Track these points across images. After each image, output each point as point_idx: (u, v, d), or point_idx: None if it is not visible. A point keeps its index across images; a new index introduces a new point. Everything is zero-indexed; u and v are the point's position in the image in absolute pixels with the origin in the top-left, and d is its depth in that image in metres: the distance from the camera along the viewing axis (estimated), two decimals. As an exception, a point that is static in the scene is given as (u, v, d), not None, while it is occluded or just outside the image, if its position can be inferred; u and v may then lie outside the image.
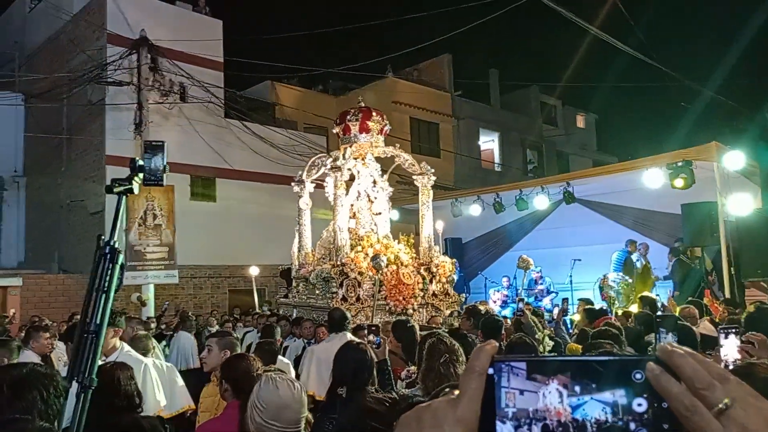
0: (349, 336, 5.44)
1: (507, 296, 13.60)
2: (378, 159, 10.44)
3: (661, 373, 0.56)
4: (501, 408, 0.59)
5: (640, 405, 0.57)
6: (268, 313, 11.14)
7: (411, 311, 9.02)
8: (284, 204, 15.46)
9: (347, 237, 9.44)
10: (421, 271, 9.70)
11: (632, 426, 0.56)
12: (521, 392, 0.59)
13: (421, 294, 9.49)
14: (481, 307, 7.86)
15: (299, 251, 10.53)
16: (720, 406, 0.54)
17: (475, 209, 15.05)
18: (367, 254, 9.27)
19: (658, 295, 10.60)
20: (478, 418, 0.59)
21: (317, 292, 9.43)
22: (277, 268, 15.22)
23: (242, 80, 20.55)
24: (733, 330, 2.80)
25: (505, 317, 7.94)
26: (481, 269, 15.85)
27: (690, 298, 9.44)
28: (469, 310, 7.11)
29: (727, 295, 9.93)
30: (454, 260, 10.54)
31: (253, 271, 12.93)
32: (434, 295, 9.71)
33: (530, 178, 21.52)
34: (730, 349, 2.73)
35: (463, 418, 0.59)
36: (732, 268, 10.42)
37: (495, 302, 13.19)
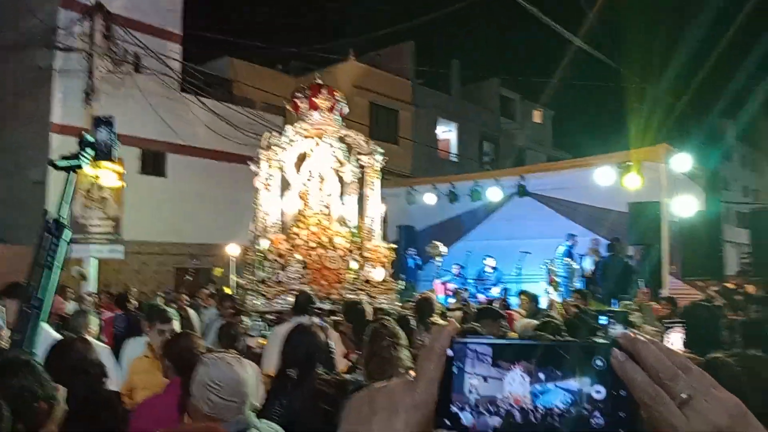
0: (316, 320, 5.41)
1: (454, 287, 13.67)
2: (342, 140, 10.23)
3: (626, 361, 0.56)
4: (464, 395, 0.57)
5: (598, 392, 0.56)
6: (214, 292, 10.94)
7: (336, 296, 8.69)
8: (239, 184, 15.19)
9: (274, 219, 9.23)
10: (354, 255, 9.44)
11: (591, 414, 0.56)
12: (485, 379, 0.57)
13: (351, 279, 9.21)
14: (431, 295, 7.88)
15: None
16: (683, 396, 0.54)
17: (429, 198, 15.14)
18: (297, 235, 9.07)
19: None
20: (435, 401, 0.57)
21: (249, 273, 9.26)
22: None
23: (200, 54, 20.05)
24: (678, 325, 2.90)
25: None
26: (433, 257, 15.98)
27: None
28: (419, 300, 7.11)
29: (666, 293, 10.29)
30: (393, 246, 10.27)
31: (231, 249, 12.60)
32: (367, 281, 9.40)
33: (485, 170, 21.80)
34: (674, 343, 2.83)
35: (421, 401, 0.56)
36: (672, 267, 10.82)
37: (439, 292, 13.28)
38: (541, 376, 0.57)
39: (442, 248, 10.59)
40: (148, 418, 2.85)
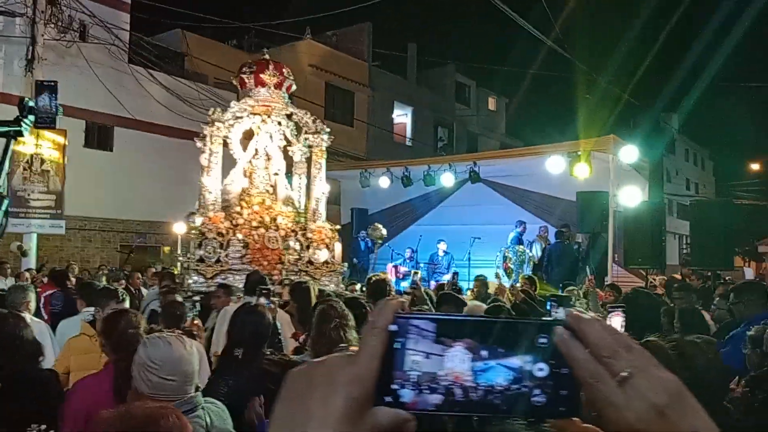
0: (263, 300, 5.33)
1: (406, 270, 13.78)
2: (290, 118, 10.03)
3: (569, 338, 0.55)
4: (405, 371, 0.56)
5: (541, 370, 0.56)
6: (160, 270, 10.74)
7: (276, 277, 8.46)
8: (189, 160, 14.85)
9: (215, 196, 9.04)
10: (298, 236, 9.25)
11: (532, 391, 0.55)
12: (427, 355, 0.56)
13: (292, 260, 9.00)
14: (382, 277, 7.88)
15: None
16: (623, 374, 0.53)
17: (383, 181, 15.16)
18: (240, 215, 8.91)
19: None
20: (375, 376, 0.55)
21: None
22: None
23: (151, 25, 19.38)
24: (618, 309, 3.00)
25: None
26: (385, 241, 16.03)
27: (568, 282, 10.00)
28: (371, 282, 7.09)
29: (609, 280, 10.62)
30: (337, 227, 10.15)
31: (178, 227, 12.33)
32: (310, 262, 9.22)
33: (439, 155, 21.94)
34: (615, 326, 2.93)
35: (360, 376, 0.54)
36: (616, 256, 11.16)
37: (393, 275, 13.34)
38: (484, 353, 0.56)
39: (383, 230, 10.54)
40: (83, 399, 2.77)
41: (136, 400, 2.37)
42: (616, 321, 2.95)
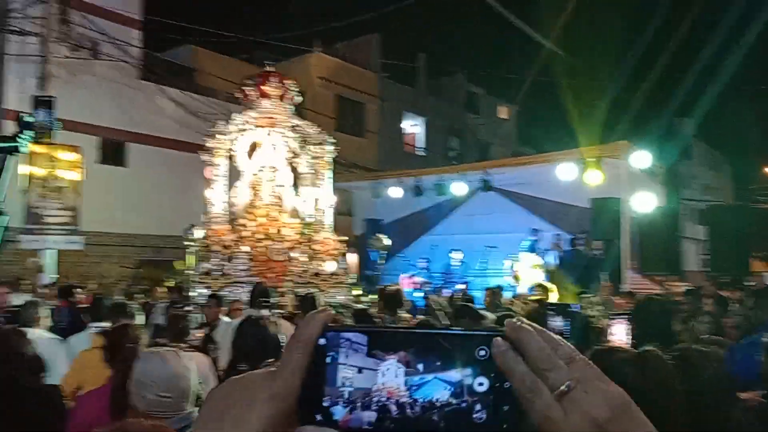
0: (265, 312, 5.32)
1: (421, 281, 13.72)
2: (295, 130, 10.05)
3: (507, 350, 0.52)
4: (336, 388, 0.53)
5: (481, 384, 0.52)
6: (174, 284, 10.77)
7: (283, 289, 8.47)
8: (200, 174, 14.97)
9: (219, 209, 9.08)
10: (303, 248, 9.27)
11: (472, 407, 0.52)
12: (360, 370, 0.53)
13: (298, 272, 9.01)
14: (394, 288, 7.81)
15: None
16: (562, 388, 0.50)
17: (395, 192, 15.14)
18: (244, 227, 8.94)
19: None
20: (297, 392, 0.52)
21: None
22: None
23: (162, 42, 19.62)
24: (623, 317, 2.95)
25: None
26: (398, 251, 16.01)
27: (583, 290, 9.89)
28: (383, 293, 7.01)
29: (627, 287, 10.48)
30: (344, 238, 10.11)
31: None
32: (316, 274, 9.25)
33: (451, 164, 21.90)
34: (618, 333, 2.87)
35: (279, 393, 0.52)
36: (632, 262, 11.03)
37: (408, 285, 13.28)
38: (420, 366, 0.52)
39: (385, 241, 10.60)
40: (87, 413, 2.77)
41: (133, 417, 2.35)
42: (620, 329, 2.89)
